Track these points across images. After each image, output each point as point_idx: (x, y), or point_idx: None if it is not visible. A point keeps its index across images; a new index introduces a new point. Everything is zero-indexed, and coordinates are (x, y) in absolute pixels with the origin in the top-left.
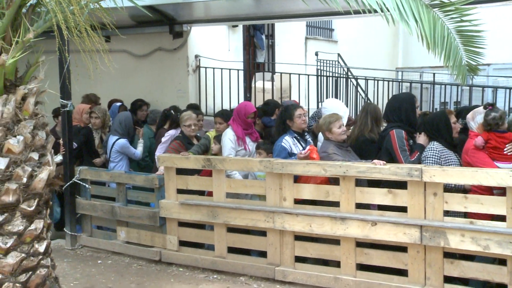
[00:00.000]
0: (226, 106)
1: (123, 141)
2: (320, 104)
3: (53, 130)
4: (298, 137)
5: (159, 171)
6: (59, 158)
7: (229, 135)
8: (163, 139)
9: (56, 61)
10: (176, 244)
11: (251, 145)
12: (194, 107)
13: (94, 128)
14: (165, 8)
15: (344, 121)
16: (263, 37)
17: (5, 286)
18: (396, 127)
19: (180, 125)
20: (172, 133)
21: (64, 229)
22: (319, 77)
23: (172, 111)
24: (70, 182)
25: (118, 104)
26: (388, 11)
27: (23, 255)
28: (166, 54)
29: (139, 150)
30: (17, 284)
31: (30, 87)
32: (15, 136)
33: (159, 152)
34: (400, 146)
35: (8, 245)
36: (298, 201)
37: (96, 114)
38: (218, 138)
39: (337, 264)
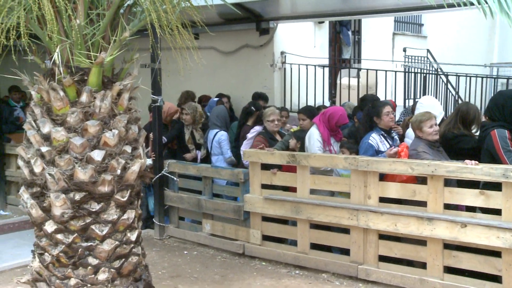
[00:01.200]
0: (310, 103)
1: (224, 134)
2: (407, 101)
3: (147, 125)
4: (385, 135)
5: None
6: (149, 162)
7: (316, 136)
8: (248, 135)
9: (148, 59)
10: (259, 238)
11: (335, 144)
12: (263, 97)
13: (185, 124)
14: (252, 5)
15: (438, 121)
16: (350, 33)
17: (102, 270)
18: (498, 126)
19: (263, 121)
20: (258, 129)
21: (153, 219)
22: (406, 73)
23: (252, 107)
24: (159, 174)
25: (216, 99)
26: (486, 3)
27: (117, 242)
28: (252, 50)
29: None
30: (112, 270)
31: (125, 83)
32: (110, 130)
33: (244, 148)
34: (504, 146)
35: (104, 233)
36: (382, 200)
37: (186, 111)
38: (296, 134)
39: (422, 265)
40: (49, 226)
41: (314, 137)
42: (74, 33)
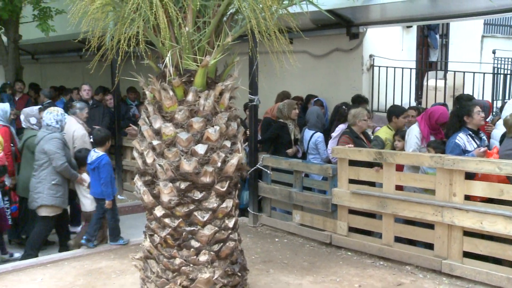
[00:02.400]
0: (397, 104)
1: (320, 135)
2: (495, 103)
3: (243, 122)
4: (473, 135)
5: None
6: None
7: (415, 132)
8: (333, 134)
9: (247, 61)
10: (345, 230)
11: None
12: (362, 100)
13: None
14: (343, 11)
15: None
16: (437, 36)
17: (202, 252)
18: None
19: (348, 120)
20: (342, 127)
21: (248, 208)
22: (495, 75)
23: (343, 106)
24: (254, 168)
25: (314, 99)
26: None
27: (216, 228)
28: (342, 54)
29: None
30: (211, 252)
31: (226, 84)
32: (213, 126)
33: (331, 145)
34: None
35: (205, 219)
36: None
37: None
38: (402, 134)
39: (509, 264)
40: (158, 211)
41: (412, 133)
42: (183, 40)
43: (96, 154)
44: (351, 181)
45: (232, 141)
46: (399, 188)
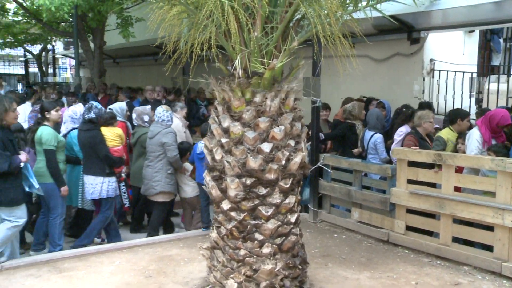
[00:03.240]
0: (457, 107)
1: (380, 136)
2: None
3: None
4: None
5: None
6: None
7: (476, 136)
8: (396, 137)
9: (310, 65)
10: (403, 228)
11: None
12: (427, 106)
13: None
14: (405, 17)
15: None
16: (501, 40)
17: (266, 245)
18: None
19: (414, 122)
20: (404, 130)
21: (308, 205)
22: None
23: (404, 109)
24: (315, 166)
25: (375, 102)
26: None
27: (279, 223)
28: (403, 58)
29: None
30: (274, 245)
31: (291, 86)
32: (278, 126)
33: (393, 146)
34: None
35: (268, 213)
36: None
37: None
38: (465, 137)
39: None
40: (225, 205)
41: (473, 137)
42: (252, 44)
43: (202, 145)
44: (410, 181)
45: (296, 140)
46: (457, 189)
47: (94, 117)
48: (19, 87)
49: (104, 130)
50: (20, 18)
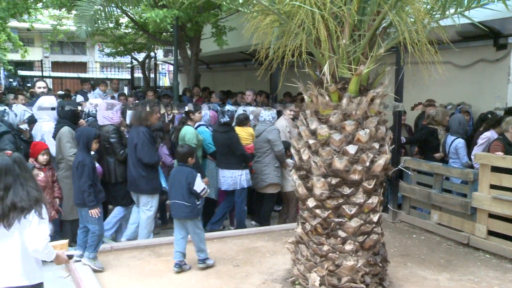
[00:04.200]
0: None
1: (461, 141)
2: None
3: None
4: None
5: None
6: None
7: None
8: (479, 141)
9: (394, 71)
10: (484, 233)
11: None
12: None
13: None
14: (492, 23)
15: None
16: None
17: (348, 242)
18: None
19: (500, 128)
20: (488, 135)
21: (388, 205)
22: None
23: (489, 115)
24: (396, 168)
25: (459, 107)
26: None
27: (361, 221)
28: (487, 64)
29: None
30: (356, 243)
31: (377, 91)
32: (363, 129)
33: (476, 151)
34: None
35: (352, 212)
36: None
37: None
38: None
39: None
40: (311, 202)
41: None
42: (341, 51)
43: None
44: (492, 186)
45: (380, 143)
46: None
47: (228, 120)
48: (125, 90)
49: (239, 129)
50: (129, 30)
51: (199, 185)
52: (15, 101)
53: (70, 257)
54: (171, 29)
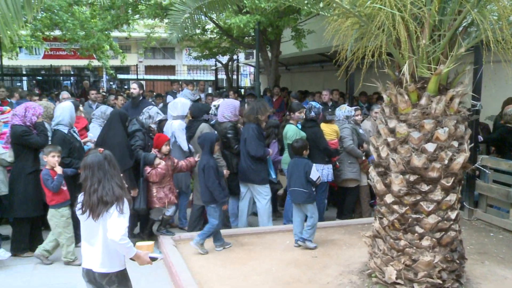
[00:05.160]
0: None
1: None
2: None
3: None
4: None
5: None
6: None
7: None
8: None
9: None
10: None
11: None
12: None
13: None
14: None
15: None
16: None
17: (425, 238)
18: None
19: None
20: None
21: (463, 203)
22: None
23: None
24: (473, 166)
25: None
26: None
27: (439, 218)
28: None
29: None
30: (433, 239)
31: (457, 90)
32: (442, 128)
33: None
34: None
35: (429, 209)
36: None
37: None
38: None
39: None
40: (388, 198)
41: None
42: (420, 51)
43: None
44: None
45: (460, 141)
46: None
47: (314, 116)
48: (210, 90)
49: (324, 126)
50: (214, 35)
51: (315, 174)
52: (115, 102)
53: (153, 259)
54: (253, 34)
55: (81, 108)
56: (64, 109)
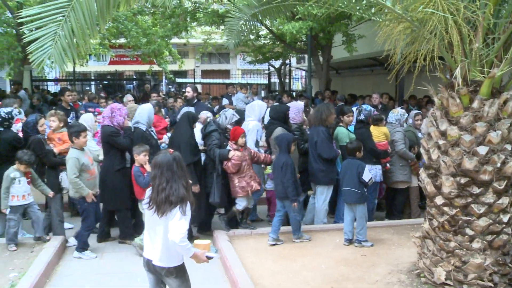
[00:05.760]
0: None
1: None
2: None
3: None
4: None
5: None
6: None
7: None
8: None
9: None
10: None
11: None
12: None
13: None
14: None
15: None
16: None
17: (476, 240)
18: None
19: None
20: None
21: None
22: None
23: None
24: None
25: None
26: None
27: (490, 221)
28: None
29: None
30: (484, 242)
31: (510, 93)
32: (495, 131)
33: None
34: None
35: (480, 212)
36: None
37: None
38: None
39: None
40: (438, 200)
41: None
42: (473, 54)
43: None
44: None
45: None
46: None
47: (364, 118)
48: (263, 94)
49: (372, 128)
50: (268, 40)
51: (367, 175)
52: (174, 104)
53: (209, 258)
54: (305, 39)
55: (162, 111)
56: (143, 110)
